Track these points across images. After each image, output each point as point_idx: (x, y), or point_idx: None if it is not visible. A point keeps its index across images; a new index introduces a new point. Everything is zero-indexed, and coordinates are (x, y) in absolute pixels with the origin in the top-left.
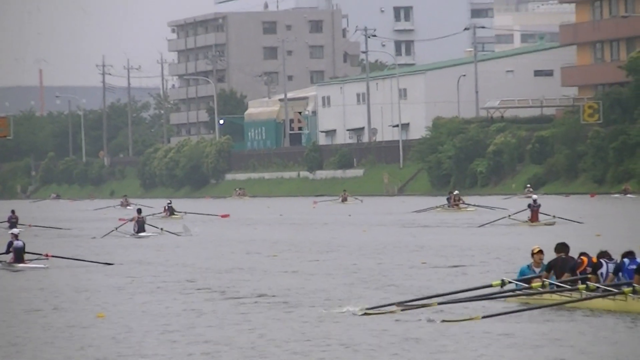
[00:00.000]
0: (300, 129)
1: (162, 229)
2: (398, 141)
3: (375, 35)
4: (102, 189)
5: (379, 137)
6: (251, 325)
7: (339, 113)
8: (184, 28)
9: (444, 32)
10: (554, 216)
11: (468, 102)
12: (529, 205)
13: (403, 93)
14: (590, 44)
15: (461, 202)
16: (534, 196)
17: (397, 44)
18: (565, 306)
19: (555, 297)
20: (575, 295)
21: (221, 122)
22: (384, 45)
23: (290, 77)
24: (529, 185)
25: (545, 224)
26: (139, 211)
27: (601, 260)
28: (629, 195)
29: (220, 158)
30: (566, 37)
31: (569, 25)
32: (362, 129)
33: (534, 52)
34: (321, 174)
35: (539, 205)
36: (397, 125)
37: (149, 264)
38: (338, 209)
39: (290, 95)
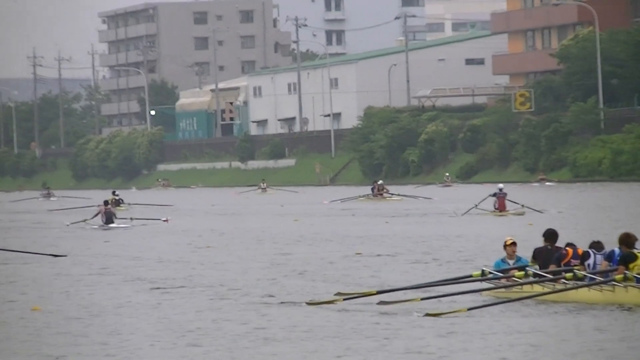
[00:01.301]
0: (231, 119)
1: (131, 218)
2: (330, 131)
3: (306, 25)
4: (34, 181)
5: (310, 127)
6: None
7: (270, 103)
8: (114, 19)
9: (375, 21)
10: (522, 205)
11: (399, 91)
12: (495, 194)
13: (334, 83)
14: (521, 32)
15: (385, 191)
16: (500, 185)
17: (328, 34)
18: (551, 297)
19: (538, 288)
20: (560, 286)
21: (152, 112)
22: (315, 35)
23: (221, 68)
24: (447, 174)
25: (515, 214)
26: (106, 202)
27: (589, 250)
28: (547, 184)
29: (152, 149)
30: (497, 26)
31: (501, 14)
32: (294, 119)
33: (465, 40)
34: (253, 164)
35: (505, 194)
36: (329, 115)
37: (97, 256)
38: (261, 199)
39: (221, 85)
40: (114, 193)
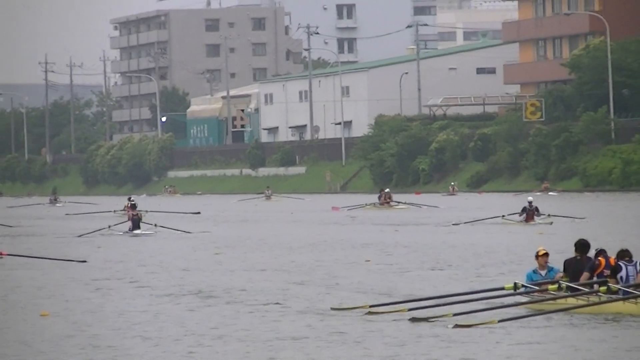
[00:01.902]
0: (242, 126)
1: (155, 224)
2: (340, 139)
3: (317, 33)
4: (44, 187)
5: (321, 135)
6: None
7: (281, 110)
8: (126, 25)
9: (387, 29)
10: (548, 215)
11: (410, 99)
12: (524, 209)
13: (346, 91)
14: (532, 42)
15: (391, 199)
16: (529, 198)
17: (340, 42)
18: (585, 310)
19: (572, 301)
20: (594, 299)
21: (164, 119)
22: (326, 43)
23: (232, 75)
24: (453, 184)
25: (542, 224)
26: (134, 207)
27: (620, 262)
28: (550, 193)
29: (162, 155)
30: (508, 35)
31: (512, 23)
32: (305, 126)
33: (477, 49)
34: (264, 171)
35: (535, 208)
36: (340, 123)
37: (119, 263)
38: (264, 206)
39: (232, 92)
40: (129, 199)
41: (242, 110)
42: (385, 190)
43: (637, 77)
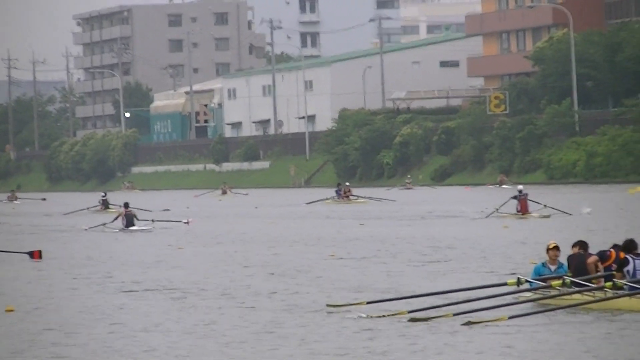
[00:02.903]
0: (206, 121)
1: (153, 220)
2: (304, 133)
3: (280, 27)
4: (9, 183)
5: (285, 129)
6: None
7: (244, 105)
8: (89, 21)
9: (350, 23)
10: (545, 205)
11: (374, 93)
12: (515, 197)
13: (309, 85)
14: (496, 34)
15: (351, 193)
16: (520, 186)
17: (303, 36)
18: (590, 306)
19: (577, 297)
20: (600, 294)
21: (127, 115)
22: (289, 37)
23: (195, 70)
24: (409, 176)
25: (540, 217)
26: (126, 205)
27: (627, 256)
28: (504, 186)
29: (126, 151)
30: (472, 28)
31: (475, 16)
32: (268, 121)
33: (440, 43)
34: (227, 166)
35: (526, 195)
36: (303, 117)
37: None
38: (225, 201)
39: (196, 87)
40: (103, 196)
41: (206, 106)
42: (345, 184)
43: (601, 69)
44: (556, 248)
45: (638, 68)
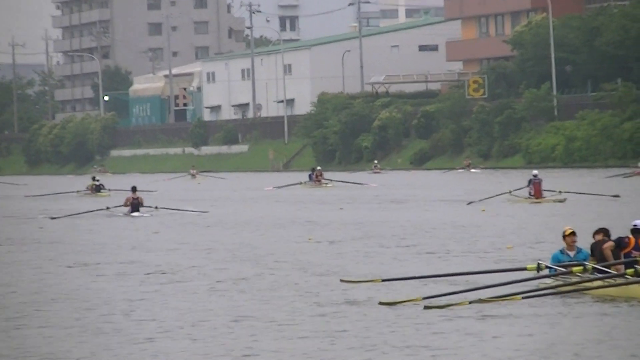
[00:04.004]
0: (185, 105)
1: (156, 207)
2: (283, 117)
3: (259, 11)
4: None
5: (264, 113)
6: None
7: (224, 89)
8: (68, 4)
9: (329, 7)
10: (560, 191)
11: (353, 77)
12: (530, 181)
13: (288, 69)
14: (475, 19)
15: (323, 177)
16: (535, 171)
17: (282, 20)
18: (610, 291)
19: (598, 284)
20: (621, 281)
21: (106, 98)
22: (268, 21)
23: (175, 53)
24: (376, 162)
25: (555, 201)
26: (134, 189)
27: None
28: (472, 170)
29: (105, 134)
30: (451, 12)
31: (454, 0)
32: (247, 104)
33: (419, 27)
34: (206, 149)
35: (541, 180)
36: (282, 101)
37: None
38: (194, 185)
39: (175, 71)
40: (94, 179)
41: (185, 89)
42: (317, 168)
43: (579, 53)
44: (573, 234)
45: (617, 52)
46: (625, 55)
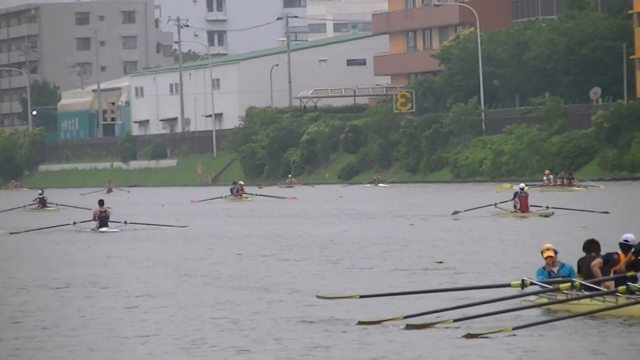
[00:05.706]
0: (113, 119)
1: (125, 222)
2: (211, 131)
3: (187, 26)
4: None
5: (192, 127)
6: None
7: (152, 103)
8: None
9: (257, 21)
10: (547, 207)
11: (281, 91)
12: (516, 194)
13: (216, 83)
14: (402, 33)
15: (244, 192)
16: (521, 184)
17: (210, 34)
18: (602, 313)
19: (587, 302)
20: (611, 299)
21: (34, 113)
22: (196, 36)
23: (103, 68)
24: (290, 176)
25: (541, 215)
26: (101, 203)
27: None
28: (381, 185)
29: (33, 149)
30: (379, 26)
31: (382, 14)
32: (176, 119)
33: (347, 41)
34: (135, 164)
35: (527, 195)
36: (211, 116)
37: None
38: (110, 199)
39: (103, 85)
40: (40, 193)
41: (113, 104)
42: (239, 182)
43: (507, 67)
44: (550, 250)
45: (544, 66)
46: (553, 69)
